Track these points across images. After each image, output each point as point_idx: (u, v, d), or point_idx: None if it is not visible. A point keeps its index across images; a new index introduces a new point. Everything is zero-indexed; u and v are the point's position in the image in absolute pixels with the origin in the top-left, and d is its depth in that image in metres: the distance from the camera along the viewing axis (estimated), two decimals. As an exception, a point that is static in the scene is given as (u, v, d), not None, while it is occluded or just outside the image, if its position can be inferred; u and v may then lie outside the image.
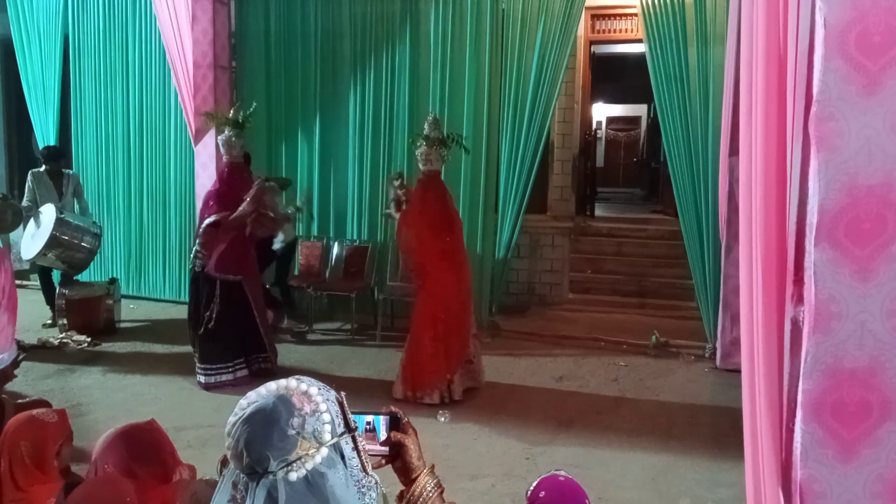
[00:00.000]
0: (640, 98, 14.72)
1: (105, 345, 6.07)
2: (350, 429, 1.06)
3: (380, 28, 6.89)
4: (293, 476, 0.98)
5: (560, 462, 3.82)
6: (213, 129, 6.24)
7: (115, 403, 4.76)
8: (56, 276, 6.69)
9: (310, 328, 6.63)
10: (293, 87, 7.17)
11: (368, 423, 1.27)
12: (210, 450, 3.84)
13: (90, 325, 6.29)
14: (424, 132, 4.95)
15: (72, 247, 6.18)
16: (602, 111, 16.83)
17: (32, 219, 6.21)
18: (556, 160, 8.09)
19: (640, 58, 6.38)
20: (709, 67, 5.80)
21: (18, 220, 5.90)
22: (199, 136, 6.78)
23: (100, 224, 6.81)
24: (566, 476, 1.70)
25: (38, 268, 6.70)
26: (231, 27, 7.16)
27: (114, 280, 6.88)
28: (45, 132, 7.93)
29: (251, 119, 5.44)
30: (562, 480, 1.68)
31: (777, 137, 2.04)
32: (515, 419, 4.64)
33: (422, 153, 4.94)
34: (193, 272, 5.26)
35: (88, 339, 6.08)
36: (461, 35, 6.63)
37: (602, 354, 6.06)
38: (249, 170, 5.66)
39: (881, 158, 1.81)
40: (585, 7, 6.52)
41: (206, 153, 6.84)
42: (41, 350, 5.86)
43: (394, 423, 1.28)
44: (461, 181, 6.59)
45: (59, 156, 6.74)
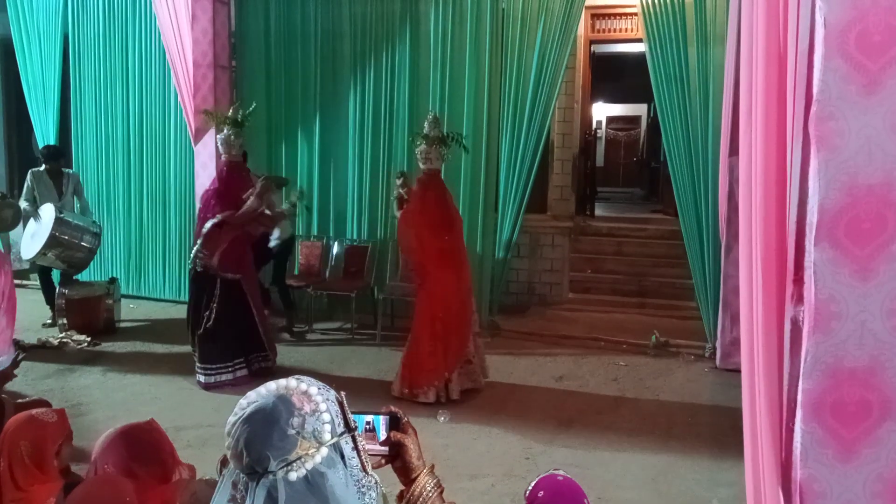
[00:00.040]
0: (640, 98, 14.73)
1: (105, 344, 6.07)
2: (350, 428, 1.06)
3: (380, 28, 6.89)
4: (293, 476, 0.98)
5: (560, 462, 3.81)
6: (213, 129, 6.24)
7: (115, 403, 4.76)
8: (56, 276, 6.69)
9: (310, 328, 6.63)
10: (293, 87, 7.17)
11: (368, 423, 1.26)
12: (210, 449, 3.84)
13: (90, 325, 6.29)
14: (424, 131, 4.95)
15: (71, 246, 6.18)
16: (602, 111, 16.83)
17: (32, 218, 6.21)
18: (556, 160, 8.09)
19: (640, 57, 6.37)
20: (709, 67, 5.80)
21: (17, 220, 5.90)
22: (199, 136, 6.78)
23: (99, 223, 6.81)
24: (565, 476, 1.70)
25: (38, 267, 6.69)
26: (231, 27, 7.16)
27: (114, 280, 6.88)
28: (45, 132, 7.93)
29: (250, 118, 5.44)
30: (560, 480, 1.67)
31: (777, 137, 2.04)
32: (515, 419, 4.64)
33: (421, 152, 4.94)
34: (194, 272, 5.23)
35: (88, 339, 6.08)
36: (461, 34, 6.63)
37: (602, 354, 6.06)
38: (248, 169, 5.66)
39: (881, 158, 1.81)
40: (585, 6, 6.52)
41: (206, 153, 6.83)
42: (41, 350, 5.86)
43: (394, 423, 1.28)
44: (461, 180, 6.59)
45: (59, 155, 6.73)
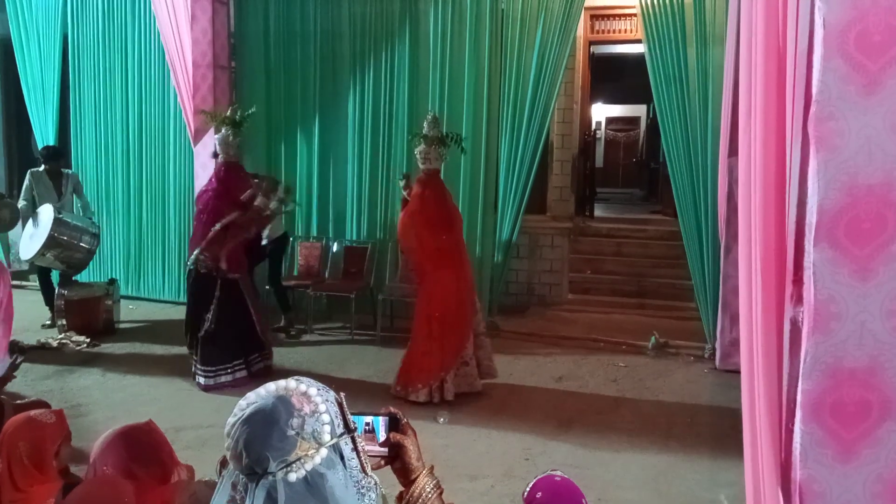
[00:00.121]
0: (640, 98, 14.72)
1: (104, 345, 6.07)
2: (349, 429, 1.06)
3: (379, 28, 6.89)
4: (292, 477, 0.98)
5: (560, 462, 3.81)
6: (213, 129, 6.24)
7: (115, 404, 4.75)
8: (55, 277, 6.69)
9: (309, 329, 6.62)
10: (292, 87, 7.17)
11: (368, 424, 1.26)
12: (209, 450, 3.84)
13: (89, 326, 6.28)
14: (424, 131, 4.95)
15: (70, 247, 6.17)
16: (601, 111, 16.83)
17: (31, 219, 6.21)
18: (556, 160, 8.09)
19: (640, 58, 6.38)
20: (708, 68, 5.80)
21: (16, 220, 5.89)
22: (199, 136, 6.78)
23: (98, 224, 6.80)
24: (562, 476, 1.69)
25: (37, 268, 6.69)
26: (230, 27, 7.16)
27: (113, 281, 6.88)
28: (45, 132, 7.93)
29: (248, 119, 5.44)
30: (558, 481, 1.67)
31: (776, 137, 2.04)
32: (515, 420, 4.64)
33: (421, 152, 4.94)
34: (196, 273, 5.18)
35: (87, 340, 6.07)
36: (460, 35, 6.63)
37: (601, 355, 6.06)
38: (245, 169, 5.64)
39: (881, 158, 1.80)
40: (585, 7, 6.52)
41: (206, 153, 6.81)
42: (40, 351, 5.85)
43: (393, 424, 1.28)
44: (461, 181, 6.59)
45: (59, 156, 6.73)
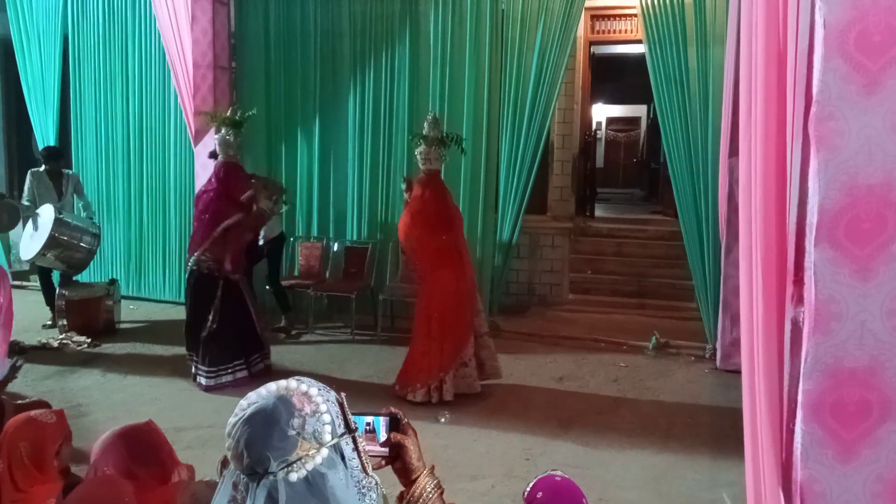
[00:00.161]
0: (640, 98, 14.73)
1: (105, 346, 6.07)
2: (350, 429, 1.06)
3: (379, 28, 6.89)
4: (293, 476, 0.98)
5: (560, 462, 3.81)
6: (213, 130, 6.24)
7: (115, 404, 4.75)
8: (56, 277, 6.69)
9: (310, 329, 6.63)
10: (293, 87, 7.17)
11: (368, 424, 1.26)
12: (210, 450, 3.84)
13: (90, 326, 6.28)
14: (424, 132, 4.95)
15: (71, 247, 6.17)
16: (602, 112, 16.84)
17: (31, 219, 6.21)
18: (556, 161, 8.09)
19: (640, 58, 6.38)
20: (708, 68, 5.79)
21: (16, 220, 5.90)
22: (199, 137, 6.78)
23: (99, 224, 6.80)
24: (563, 476, 1.69)
25: (38, 268, 6.69)
26: (231, 27, 7.16)
27: (113, 281, 6.88)
28: (45, 132, 7.93)
29: (248, 120, 5.44)
30: (558, 481, 1.67)
31: (777, 137, 2.04)
32: (515, 420, 4.64)
33: (421, 152, 4.94)
34: (198, 274, 5.15)
35: (88, 340, 6.07)
36: (461, 35, 6.63)
37: (602, 355, 6.06)
38: (244, 169, 5.63)
39: (881, 158, 1.81)
40: (585, 7, 6.52)
41: (207, 153, 6.80)
42: (41, 351, 5.85)
43: (394, 424, 1.28)
44: (461, 181, 6.59)
45: (59, 156, 6.73)
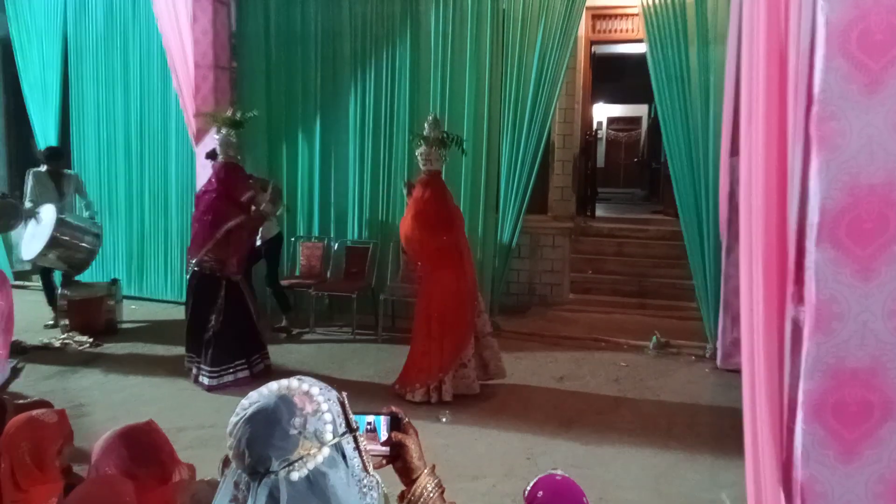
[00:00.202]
0: (641, 98, 14.73)
1: (106, 345, 6.07)
2: (351, 429, 1.06)
3: (380, 28, 6.89)
4: (295, 476, 0.98)
5: (561, 462, 3.81)
6: (214, 130, 6.24)
7: (116, 404, 4.76)
8: (58, 277, 6.70)
9: (311, 329, 6.63)
10: (293, 88, 7.17)
11: (369, 424, 1.26)
12: (211, 450, 3.84)
13: (91, 326, 6.29)
14: (424, 132, 4.95)
15: (72, 247, 6.18)
16: (603, 111, 16.84)
17: (33, 219, 6.21)
18: (557, 160, 8.09)
19: (641, 58, 6.37)
20: (709, 67, 5.78)
21: (17, 220, 5.90)
22: (200, 137, 6.77)
23: (100, 224, 6.81)
24: (563, 475, 1.69)
25: (40, 269, 6.70)
26: (231, 27, 7.16)
27: (115, 281, 6.88)
28: (46, 133, 7.94)
29: (249, 120, 5.44)
30: (559, 480, 1.67)
31: (778, 137, 2.03)
32: (516, 419, 4.64)
33: (422, 153, 4.94)
34: (200, 275, 5.15)
35: (90, 340, 6.08)
36: (462, 35, 6.63)
37: (603, 355, 6.06)
38: (244, 170, 5.63)
39: (883, 157, 1.80)
40: (586, 7, 6.51)
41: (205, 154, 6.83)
42: (43, 351, 5.86)
43: (395, 424, 1.28)
44: (462, 181, 6.59)
45: (60, 156, 6.73)
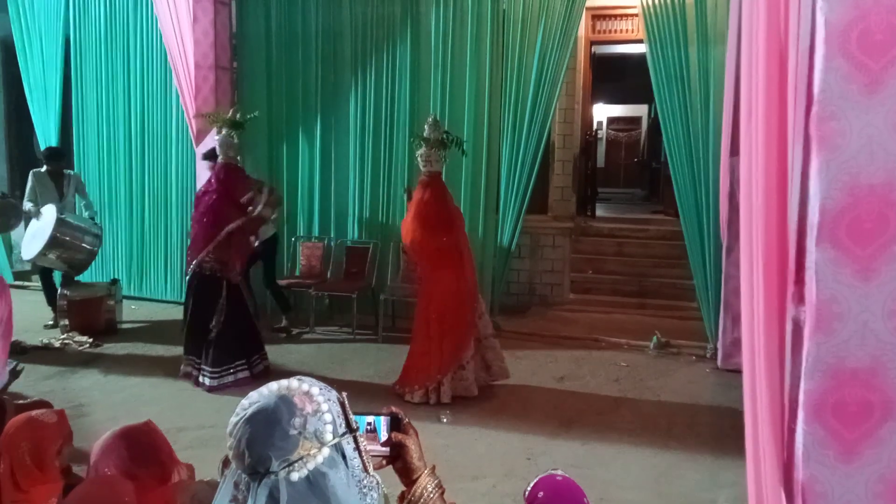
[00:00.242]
0: (641, 98, 14.74)
1: (106, 346, 6.07)
2: (351, 429, 1.06)
3: (380, 29, 6.89)
4: (295, 476, 0.98)
5: (561, 462, 3.81)
6: (214, 130, 6.24)
7: (116, 404, 4.76)
8: (57, 277, 6.70)
9: (311, 329, 6.63)
10: (294, 88, 7.17)
11: (369, 424, 1.26)
12: (211, 450, 3.84)
13: (91, 326, 6.29)
14: (425, 134, 4.95)
15: (72, 247, 6.18)
16: (603, 111, 16.85)
17: (34, 219, 6.22)
18: (557, 160, 8.09)
19: (641, 58, 6.37)
20: (709, 67, 5.79)
21: (18, 220, 5.90)
22: (201, 137, 6.77)
23: (100, 224, 6.81)
24: (564, 476, 1.69)
25: (39, 269, 6.70)
26: (232, 28, 7.17)
27: (115, 281, 6.89)
28: (47, 133, 7.94)
29: (249, 121, 5.44)
30: (559, 480, 1.67)
31: (778, 137, 2.03)
32: (516, 419, 4.64)
33: (422, 155, 4.94)
34: (201, 276, 5.13)
35: (90, 340, 6.08)
36: (462, 36, 6.63)
37: (603, 355, 6.06)
38: (244, 171, 5.62)
39: (883, 158, 1.80)
40: (586, 7, 6.52)
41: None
42: (42, 351, 5.86)
43: (395, 424, 1.28)
44: (462, 182, 6.59)
45: (61, 157, 6.74)
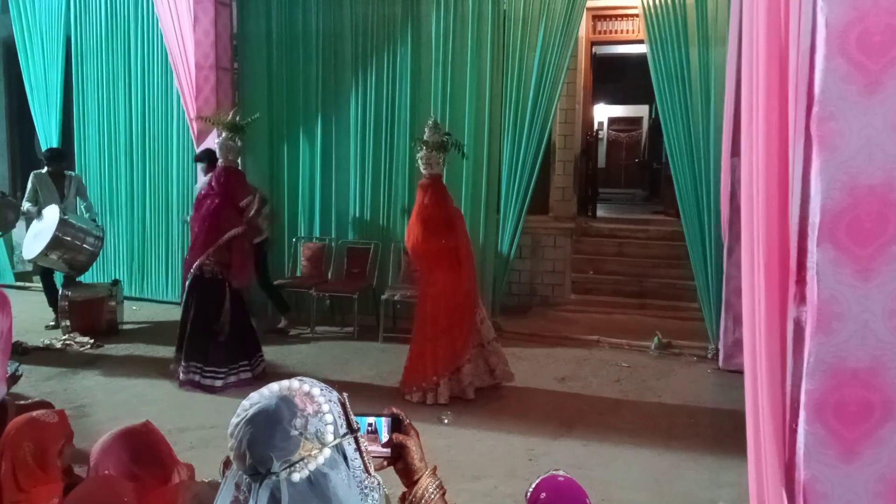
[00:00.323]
0: (642, 99, 14.73)
1: (107, 346, 6.08)
2: (352, 430, 1.06)
3: (381, 30, 6.90)
4: (296, 476, 0.98)
5: (562, 463, 3.80)
6: (215, 132, 6.25)
7: (118, 405, 4.76)
8: (58, 278, 6.70)
9: (312, 329, 6.63)
10: (295, 89, 7.17)
11: (370, 425, 1.26)
12: (212, 451, 3.84)
13: (93, 327, 6.29)
14: (425, 137, 4.95)
15: (74, 248, 6.18)
16: (603, 112, 16.84)
17: (35, 219, 6.22)
18: (558, 161, 8.09)
19: (642, 58, 6.37)
20: (710, 68, 5.79)
21: (17, 218, 5.91)
22: (202, 138, 6.78)
23: (101, 225, 6.82)
24: (566, 476, 1.69)
25: (41, 269, 6.70)
26: (233, 28, 7.17)
27: (116, 282, 6.89)
28: (48, 134, 7.95)
29: (250, 124, 5.44)
30: (561, 481, 1.67)
31: (778, 137, 2.04)
32: (517, 420, 4.64)
33: (422, 157, 4.95)
34: (202, 279, 5.12)
35: (91, 341, 6.08)
36: (462, 36, 6.64)
37: (604, 355, 6.06)
38: (244, 174, 5.62)
39: (882, 158, 1.81)
40: (587, 8, 6.52)
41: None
42: (44, 352, 5.86)
43: (396, 425, 1.28)
44: (463, 182, 6.59)
45: (62, 157, 6.74)
